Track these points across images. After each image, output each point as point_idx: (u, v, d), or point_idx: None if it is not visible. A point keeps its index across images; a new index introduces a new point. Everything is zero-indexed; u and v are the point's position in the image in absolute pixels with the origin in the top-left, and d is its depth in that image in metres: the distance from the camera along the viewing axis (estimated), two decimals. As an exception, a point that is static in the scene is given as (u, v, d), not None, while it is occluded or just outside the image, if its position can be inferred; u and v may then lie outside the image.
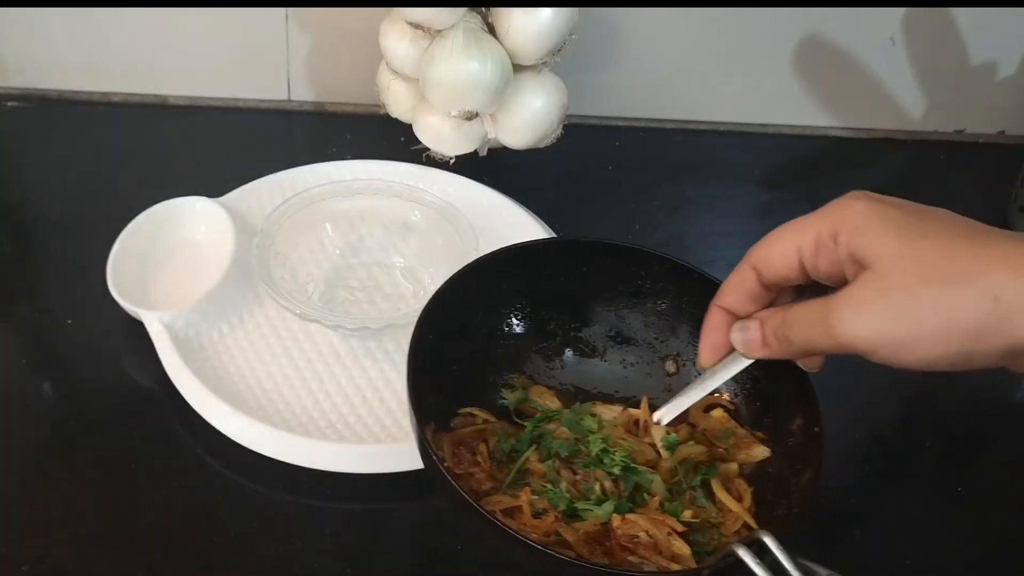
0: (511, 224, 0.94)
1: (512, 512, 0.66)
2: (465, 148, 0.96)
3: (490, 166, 1.00)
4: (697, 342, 0.66)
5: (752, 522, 0.66)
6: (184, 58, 1.06)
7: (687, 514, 0.67)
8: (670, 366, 0.76)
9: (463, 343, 0.73)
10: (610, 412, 0.73)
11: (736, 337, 0.62)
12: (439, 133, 0.95)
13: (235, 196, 0.94)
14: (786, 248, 0.60)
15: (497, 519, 0.61)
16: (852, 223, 0.57)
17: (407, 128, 0.98)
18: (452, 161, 0.97)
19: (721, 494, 0.68)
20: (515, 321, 0.76)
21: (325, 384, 0.83)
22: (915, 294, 0.53)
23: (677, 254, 0.75)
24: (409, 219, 0.91)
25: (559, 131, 0.96)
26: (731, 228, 1.01)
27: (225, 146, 1.05)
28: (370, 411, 0.81)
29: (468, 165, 0.98)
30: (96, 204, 0.97)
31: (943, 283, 0.52)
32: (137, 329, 0.84)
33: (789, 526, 0.62)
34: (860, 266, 0.56)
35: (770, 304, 0.63)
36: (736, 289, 0.62)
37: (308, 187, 0.90)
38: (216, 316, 0.85)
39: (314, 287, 0.89)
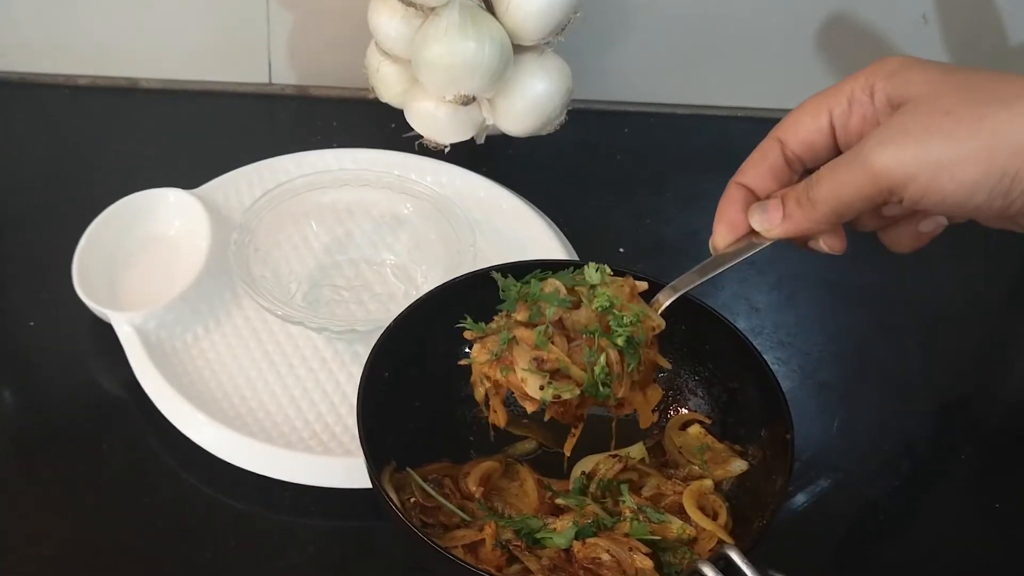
0: (511, 218, 0.94)
1: (475, 547, 0.67)
2: (461, 136, 0.97)
3: (488, 155, 1.00)
4: (668, 356, 0.69)
5: (727, 539, 0.68)
6: (156, 38, 1.06)
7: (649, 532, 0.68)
8: None
9: (423, 377, 0.75)
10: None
11: (755, 215, 0.62)
12: (433, 119, 0.95)
13: (211, 187, 0.94)
14: (816, 110, 0.60)
15: (453, 555, 0.63)
16: (888, 70, 0.58)
17: (398, 114, 0.99)
18: (447, 150, 0.97)
19: (693, 512, 0.69)
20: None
21: (309, 392, 0.83)
22: (956, 115, 0.53)
23: (690, 249, 0.76)
24: (400, 213, 0.91)
25: (563, 117, 0.96)
26: (749, 222, 1.01)
27: (200, 133, 1.05)
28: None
29: (464, 154, 0.98)
30: (61, 196, 0.97)
31: (987, 102, 0.53)
32: (105, 331, 0.84)
33: (760, 539, 0.64)
34: (898, 108, 0.57)
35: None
36: (758, 163, 0.62)
37: (291, 178, 0.91)
38: (191, 318, 0.86)
39: (297, 286, 0.89)
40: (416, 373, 0.75)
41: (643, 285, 0.68)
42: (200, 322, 0.86)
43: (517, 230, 0.93)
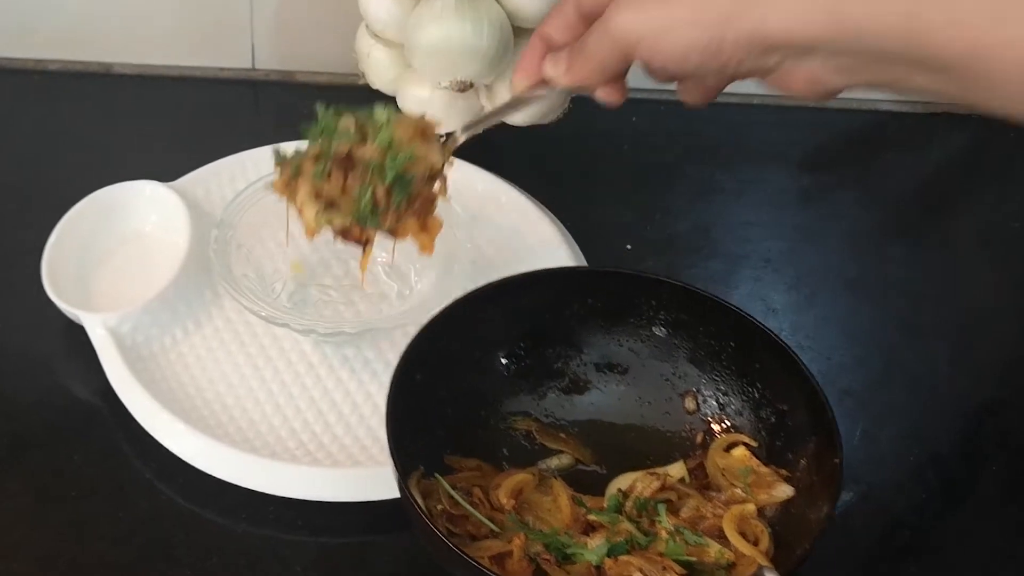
0: (511, 213, 0.94)
1: (502, 558, 0.68)
2: (458, 125, 0.96)
3: (487, 146, 1.00)
4: (716, 375, 0.76)
5: (768, 564, 0.68)
6: (131, 20, 1.06)
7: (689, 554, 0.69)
8: (689, 403, 0.79)
9: (454, 381, 0.76)
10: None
11: (548, 64, 0.72)
12: (427, 107, 0.95)
13: (190, 180, 0.94)
14: None
15: (480, 564, 0.63)
16: None
17: (391, 101, 0.98)
18: (443, 140, 0.97)
19: (733, 536, 0.70)
20: (516, 356, 0.79)
21: (295, 398, 0.83)
22: None
23: (703, 246, 0.76)
24: (392, 206, 0.91)
25: (567, 105, 0.96)
26: (765, 217, 1.01)
27: (179, 122, 1.05)
28: (347, 430, 0.81)
29: (461, 145, 0.98)
30: (29, 189, 0.97)
31: None
32: (77, 335, 0.84)
33: (800, 566, 0.65)
34: None
35: None
36: (555, 17, 0.72)
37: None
38: (169, 319, 0.85)
39: (282, 286, 0.89)
40: (450, 377, 0.76)
41: (435, 126, 0.76)
42: (179, 324, 0.86)
43: (517, 226, 0.93)
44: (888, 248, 0.99)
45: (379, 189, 0.72)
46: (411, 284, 0.89)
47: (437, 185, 0.75)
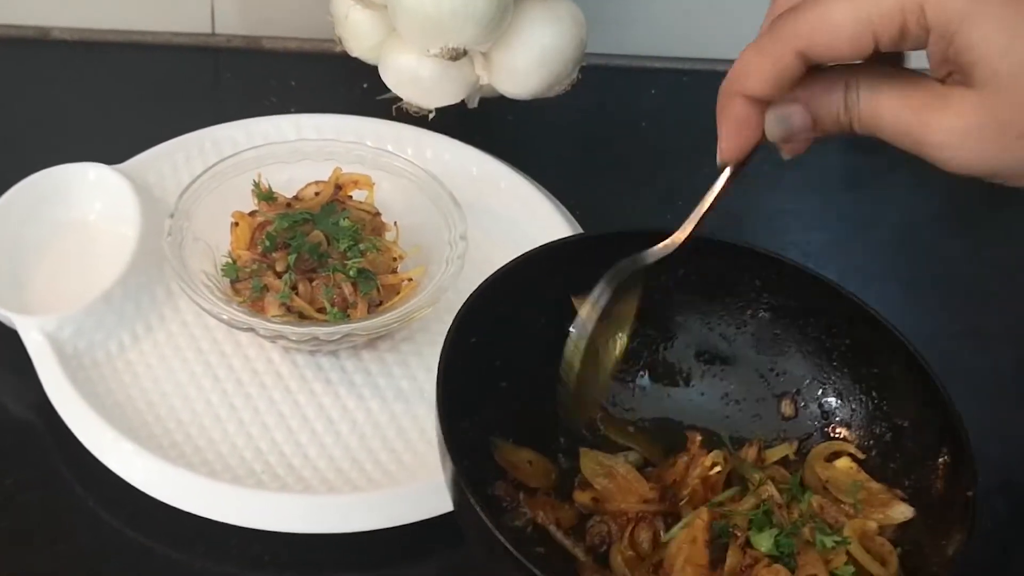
0: (510, 199, 0.94)
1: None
2: (450, 98, 0.96)
3: (483, 123, 1.00)
4: (824, 377, 0.75)
5: None
6: (73, -23, 1.06)
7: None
8: (786, 407, 0.78)
9: (513, 351, 0.74)
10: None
11: (775, 128, 0.64)
12: (415, 78, 0.94)
13: (141, 162, 0.93)
14: (857, 31, 0.59)
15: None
16: (950, 6, 0.57)
17: (372, 71, 0.98)
18: (432, 115, 0.97)
19: (859, 552, 0.69)
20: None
21: (261, 414, 0.83)
22: None
23: (734, 237, 0.76)
24: (375, 193, 0.91)
25: (575, 75, 0.96)
26: (805, 205, 1.01)
27: (128, 95, 1.04)
28: (321, 451, 0.81)
29: (454, 121, 0.98)
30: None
31: None
32: (9, 341, 0.84)
33: None
34: (961, 73, 0.58)
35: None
36: (770, 74, 0.62)
37: (239, 150, 0.90)
38: (115, 323, 0.85)
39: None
40: (509, 345, 0.74)
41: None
42: (127, 328, 0.86)
43: (518, 214, 0.93)
44: (947, 242, 0.99)
45: (345, 287, 0.84)
46: (395, 283, 0.89)
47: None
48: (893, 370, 0.74)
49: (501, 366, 0.74)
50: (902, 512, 0.71)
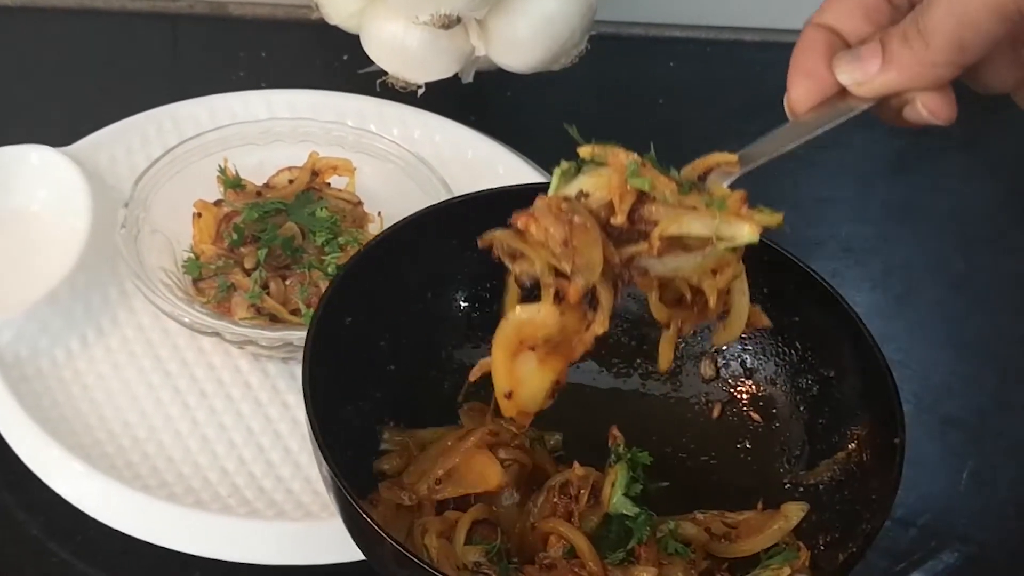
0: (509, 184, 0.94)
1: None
2: (441, 72, 0.97)
3: (479, 99, 1.00)
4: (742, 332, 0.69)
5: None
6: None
7: None
8: (706, 368, 0.78)
9: (397, 329, 0.75)
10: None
11: (843, 65, 0.64)
12: (401, 49, 0.95)
13: (91, 144, 0.94)
14: None
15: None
16: None
17: (353, 41, 0.98)
18: (421, 91, 0.97)
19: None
20: (480, 298, 0.78)
21: (228, 430, 0.83)
22: None
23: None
24: (356, 179, 0.91)
25: (583, 46, 0.96)
26: (845, 192, 1.01)
27: (77, 69, 1.05)
28: (296, 471, 0.81)
29: (446, 98, 0.98)
30: None
31: None
32: (-58, 346, 0.84)
33: (848, 570, 0.65)
34: None
35: None
36: (840, 1, 0.63)
37: (202, 131, 0.90)
38: (62, 327, 0.86)
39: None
40: (391, 324, 0.75)
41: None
42: (75, 333, 0.86)
43: (519, 204, 0.93)
44: (1005, 234, 0.99)
45: (321, 285, 0.85)
46: (379, 281, 0.89)
47: None
48: (815, 316, 0.74)
49: (385, 348, 0.75)
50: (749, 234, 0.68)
